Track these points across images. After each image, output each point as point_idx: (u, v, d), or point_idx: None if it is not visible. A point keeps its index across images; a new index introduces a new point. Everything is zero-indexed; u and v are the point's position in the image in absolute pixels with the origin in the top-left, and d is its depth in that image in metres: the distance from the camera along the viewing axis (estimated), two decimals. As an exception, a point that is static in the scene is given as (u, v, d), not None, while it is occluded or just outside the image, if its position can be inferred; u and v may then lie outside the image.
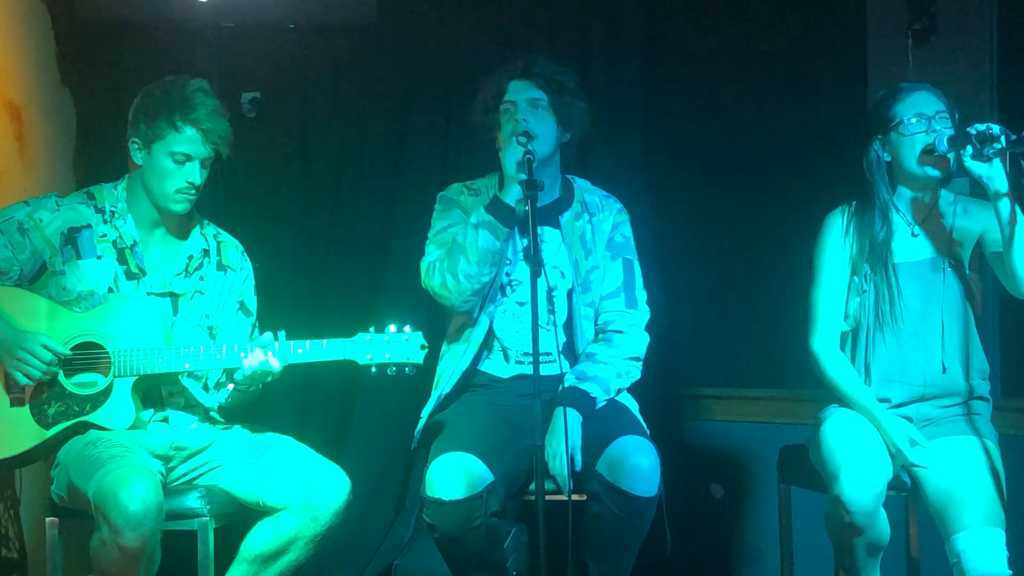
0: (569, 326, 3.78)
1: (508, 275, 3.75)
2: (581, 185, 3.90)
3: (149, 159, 3.64)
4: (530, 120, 3.68)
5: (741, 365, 4.94)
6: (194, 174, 3.62)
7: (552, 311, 3.70)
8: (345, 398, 5.33)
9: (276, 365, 3.51)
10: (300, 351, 3.56)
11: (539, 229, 3.55)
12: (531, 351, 3.25)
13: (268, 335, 3.54)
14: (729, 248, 4.94)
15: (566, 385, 3.66)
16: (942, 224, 3.67)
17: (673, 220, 4.96)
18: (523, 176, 3.44)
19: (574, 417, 3.57)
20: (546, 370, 3.52)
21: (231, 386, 3.67)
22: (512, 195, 3.56)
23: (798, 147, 5.03)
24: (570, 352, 3.79)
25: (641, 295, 3.87)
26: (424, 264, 3.73)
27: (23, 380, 3.52)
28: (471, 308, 3.71)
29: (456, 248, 3.61)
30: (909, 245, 3.67)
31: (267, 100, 5.35)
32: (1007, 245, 3.44)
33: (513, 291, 3.76)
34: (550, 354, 3.63)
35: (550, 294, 3.72)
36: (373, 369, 3.55)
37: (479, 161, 5.37)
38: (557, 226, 3.79)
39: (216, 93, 3.78)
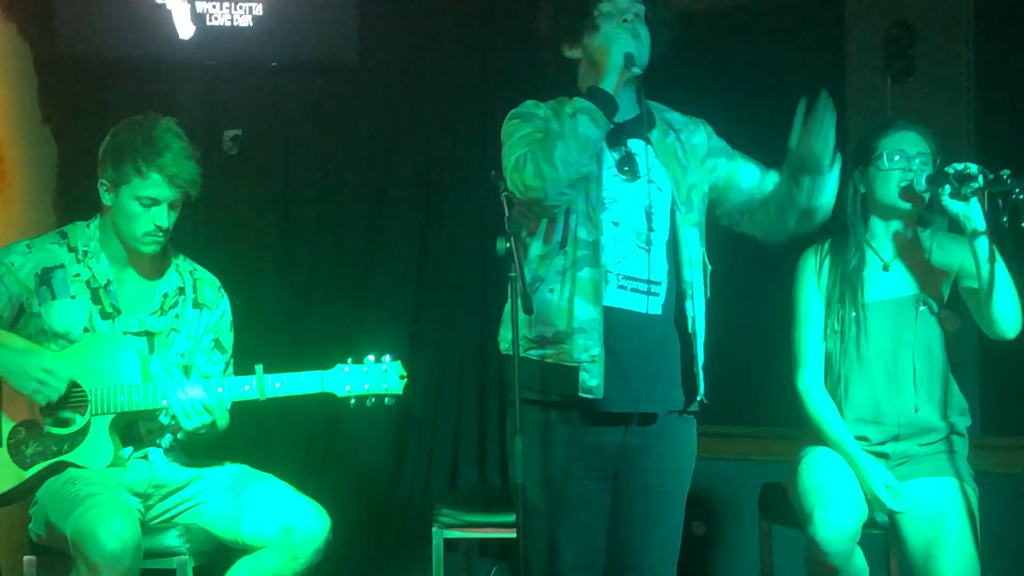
0: (674, 249, 3.31)
1: (603, 190, 3.28)
2: (657, 107, 3.48)
3: (117, 202, 3.62)
4: (636, 24, 3.29)
5: (722, 402, 4.93)
6: (161, 217, 3.60)
7: (652, 228, 3.28)
8: (325, 432, 5.33)
9: (200, 394, 3.49)
10: (278, 385, 3.54)
11: (628, 141, 3.30)
12: (637, 276, 3.17)
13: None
14: (708, 286, 4.94)
15: None
16: (918, 260, 3.68)
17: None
18: (636, 69, 3.18)
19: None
20: (645, 305, 3.24)
21: (176, 429, 3.63)
22: (611, 83, 3.19)
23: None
24: (674, 281, 3.30)
25: None
26: (509, 163, 3.22)
27: (43, 401, 3.51)
28: (560, 206, 3.21)
29: (552, 136, 3.19)
30: (882, 282, 3.68)
31: (249, 137, 5.38)
32: (985, 284, 3.46)
33: (606, 209, 3.27)
34: (658, 283, 3.25)
35: (648, 211, 3.29)
36: (352, 401, 3.53)
37: (460, 199, 5.42)
38: (648, 141, 3.35)
39: (197, 130, 3.78)
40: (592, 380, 3.18)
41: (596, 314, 3.19)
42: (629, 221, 3.25)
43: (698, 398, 3.31)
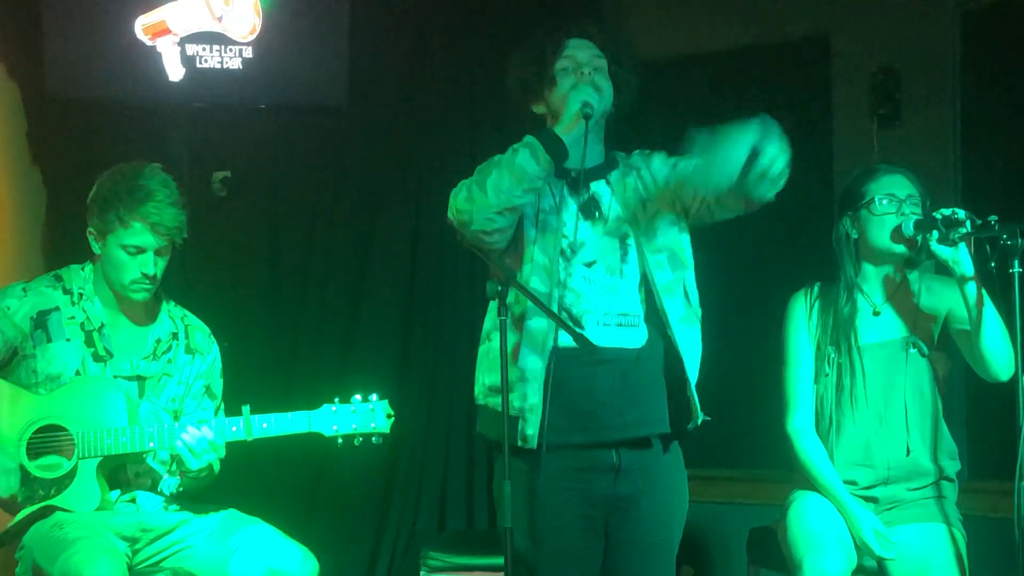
0: (646, 281, 3.33)
1: (566, 237, 3.31)
2: (622, 155, 3.50)
3: (104, 250, 3.62)
4: (595, 76, 3.33)
5: (710, 445, 4.93)
6: (148, 265, 3.60)
7: (626, 260, 3.32)
8: (312, 474, 5.31)
9: (209, 435, 3.49)
10: (265, 425, 3.54)
11: (592, 184, 3.35)
12: (606, 314, 3.20)
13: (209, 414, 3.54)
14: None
15: None
16: (907, 303, 3.69)
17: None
18: (588, 110, 3.16)
19: None
20: (625, 339, 3.26)
21: (181, 474, 3.63)
22: (562, 127, 3.20)
23: (763, 228, 5.06)
24: (652, 314, 3.31)
25: None
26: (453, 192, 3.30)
27: None
28: (489, 232, 3.23)
29: (490, 165, 3.24)
30: (873, 325, 3.69)
31: (238, 179, 5.38)
32: (974, 328, 3.47)
33: (575, 253, 3.31)
34: (635, 315, 3.27)
35: (623, 242, 3.33)
36: (339, 441, 3.53)
37: (449, 242, 5.42)
38: (608, 182, 3.40)
39: (186, 172, 3.79)
40: (529, 429, 3.20)
41: (538, 365, 3.21)
42: (602, 258, 3.28)
43: (699, 421, 3.30)
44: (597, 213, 3.32)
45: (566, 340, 3.21)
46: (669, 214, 3.38)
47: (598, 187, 3.37)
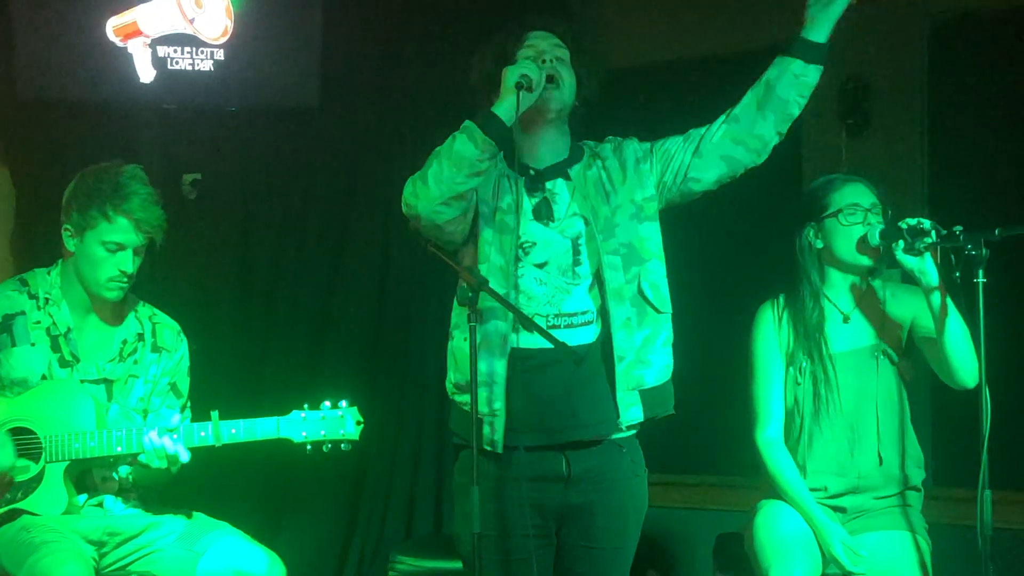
0: (598, 280, 3.31)
1: (519, 237, 3.29)
2: (589, 144, 3.47)
3: (81, 247, 3.61)
4: (556, 65, 3.28)
5: (678, 451, 4.96)
6: (126, 263, 3.60)
7: (578, 262, 3.29)
8: (280, 479, 5.30)
9: (184, 456, 3.48)
10: (234, 431, 3.53)
11: (549, 183, 3.32)
12: (556, 316, 3.23)
13: (176, 417, 3.52)
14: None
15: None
16: (874, 310, 3.71)
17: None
18: (522, 80, 3.11)
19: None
20: (574, 338, 3.25)
21: (132, 460, 3.60)
22: (504, 106, 3.14)
23: (732, 238, 5.10)
24: (604, 309, 3.30)
25: None
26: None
27: None
28: (440, 224, 3.23)
29: (431, 156, 3.21)
30: (843, 333, 3.71)
31: (208, 182, 5.37)
32: (940, 337, 3.49)
33: (527, 254, 3.29)
34: (585, 313, 3.28)
35: (575, 243, 3.30)
36: (308, 447, 3.53)
37: (421, 245, 5.40)
38: (567, 178, 3.36)
39: (157, 174, 3.78)
40: (495, 434, 3.22)
41: (500, 368, 3.22)
42: (554, 259, 3.27)
43: (623, 427, 3.27)
44: (548, 217, 3.29)
45: (525, 341, 3.23)
46: (634, 202, 3.34)
47: (555, 186, 3.34)
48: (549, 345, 3.19)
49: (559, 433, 3.23)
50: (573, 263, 3.30)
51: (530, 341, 3.24)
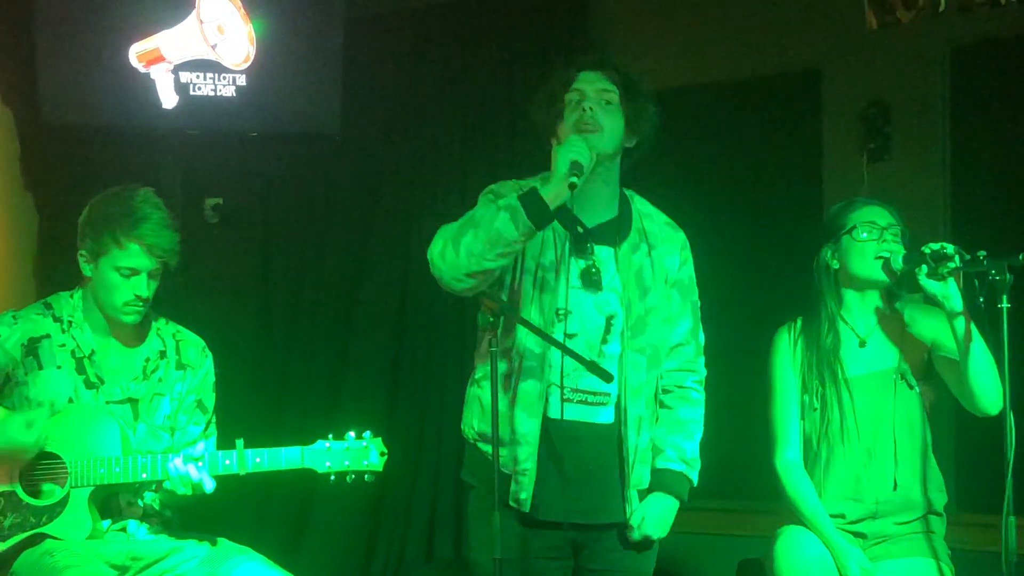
0: (620, 366, 3.30)
1: (558, 302, 3.25)
2: (640, 208, 3.44)
3: (97, 272, 3.62)
4: (597, 112, 3.25)
5: (700, 476, 4.94)
6: (141, 287, 3.60)
7: (607, 340, 3.28)
8: (301, 504, 5.30)
9: (208, 485, 3.47)
10: (259, 460, 3.53)
11: (595, 248, 3.28)
12: (586, 389, 3.22)
13: (201, 445, 3.52)
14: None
15: (670, 467, 3.41)
16: (894, 333, 3.70)
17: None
18: (574, 178, 3.03)
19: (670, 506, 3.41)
20: (590, 414, 3.28)
21: (157, 487, 3.61)
22: (552, 191, 3.06)
23: (755, 263, 5.09)
24: (623, 395, 3.31)
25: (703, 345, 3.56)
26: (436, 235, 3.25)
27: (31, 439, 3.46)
28: (459, 290, 3.22)
29: (470, 221, 3.14)
30: (858, 357, 3.69)
31: (230, 207, 5.39)
32: (963, 362, 3.47)
33: (561, 320, 3.24)
34: (607, 395, 3.27)
35: (609, 322, 3.28)
36: (332, 477, 3.52)
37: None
38: (615, 248, 3.32)
39: (179, 199, 3.79)
40: (522, 493, 3.25)
41: (534, 427, 3.22)
42: (584, 333, 3.26)
43: (627, 518, 3.32)
44: (597, 287, 3.26)
45: (554, 411, 3.23)
46: (666, 305, 3.36)
47: (603, 253, 3.30)
48: (577, 418, 3.23)
49: (578, 515, 3.27)
50: (602, 341, 3.28)
51: (557, 411, 3.24)
